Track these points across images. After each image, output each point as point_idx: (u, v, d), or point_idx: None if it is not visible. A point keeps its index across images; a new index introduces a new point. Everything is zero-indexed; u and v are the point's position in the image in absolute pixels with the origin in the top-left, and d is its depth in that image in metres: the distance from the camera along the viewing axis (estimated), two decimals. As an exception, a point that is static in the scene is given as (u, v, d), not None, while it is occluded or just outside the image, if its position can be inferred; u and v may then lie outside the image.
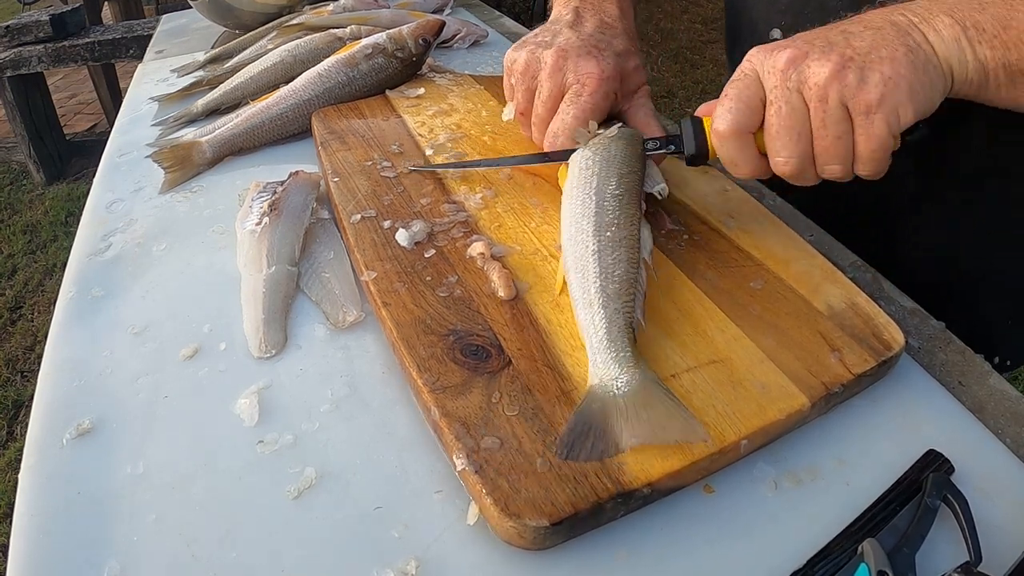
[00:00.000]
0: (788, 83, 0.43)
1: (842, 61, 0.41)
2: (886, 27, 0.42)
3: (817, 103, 0.42)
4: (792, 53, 0.43)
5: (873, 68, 0.41)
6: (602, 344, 0.40)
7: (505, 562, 0.35)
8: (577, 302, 0.43)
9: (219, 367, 0.47)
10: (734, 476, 0.39)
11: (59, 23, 2.65)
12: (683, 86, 3.41)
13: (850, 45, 0.42)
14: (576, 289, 0.44)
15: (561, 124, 0.55)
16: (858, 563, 0.33)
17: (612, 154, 0.51)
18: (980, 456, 0.39)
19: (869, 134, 0.42)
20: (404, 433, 0.42)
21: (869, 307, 0.45)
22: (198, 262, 0.58)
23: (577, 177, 0.50)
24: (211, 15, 1.15)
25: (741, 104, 0.45)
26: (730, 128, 0.45)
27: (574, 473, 0.36)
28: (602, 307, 0.42)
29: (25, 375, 1.96)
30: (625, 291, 0.43)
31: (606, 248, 0.45)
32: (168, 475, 0.40)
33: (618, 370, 0.39)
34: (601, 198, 0.48)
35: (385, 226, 0.54)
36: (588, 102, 0.54)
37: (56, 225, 2.64)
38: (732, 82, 0.46)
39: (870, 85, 0.41)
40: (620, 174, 0.49)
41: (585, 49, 0.55)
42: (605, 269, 0.44)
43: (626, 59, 0.57)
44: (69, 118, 3.51)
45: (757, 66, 0.45)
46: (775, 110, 0.44)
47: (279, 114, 0.75)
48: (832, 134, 0.43)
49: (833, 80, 0.41)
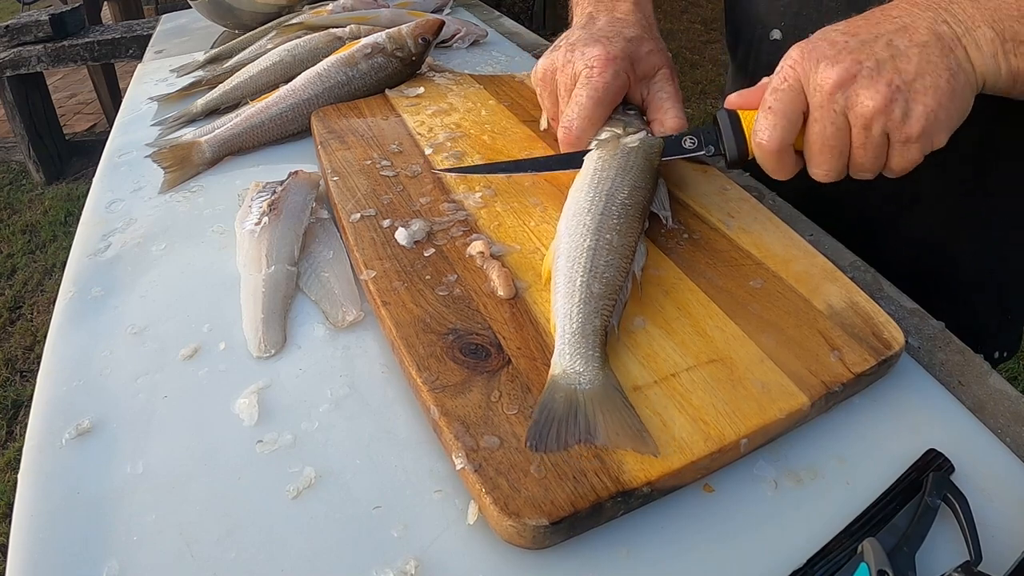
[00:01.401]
0: (835, 105, 0.43)
1: (890, 93, 0.42)
2: (931, 42, 0.42)
3: (861, 129, 0.43)
4: (840, 75, 0.43)
5: (918, 100, 0.42)
6: (574, 337, 0.41)
7: (505, 561, 0.35)
8: (559, 290, 0.44)
9: (219, 367, 0.47)
10: (734, 475, 0.39)
11: (59, 23, 2.65)
12: (683, 86, 3.38)
13: (897, 69, 0.42)
14: (561, 277, 0.44)
15: (576, 106, 0.55)
16: (858, 562, 0.33)
17: (629, 164, 0.51)
18: (980, 456, 0.39)
19: (904, 157, 0.44)
20: (404, 433, 0.42)
21: (869, 306, 0.45)
22: (198, 262, 0.58)
23: (591, 175, 0.51)
24: (211, 15, 1.15)
25: (785, 120, 0.45)
26: (775, 145, 0.46)
27: (573, 472, 0.36)
28: (582, 302, 0.42)
29: (24, 375, 1.96)
30: (608, 295, 0.43)
31: (602, 249, 0.45)
32: (168, 475, 0.40)
33: (584, 366, 0.40)
34: (610, 201, 0.48)
35: (384, 225, 0.54)
36: (599, 81, 0.54)
37: (55, 225, 2.64)
38: (775, 91, 0.46)
39: (913, 119, 0.42)
40: (633, 185, 0.50)
41: (593, 39, 0.56)
42: (596, 268, 0.44)
43: (638, 44, 0.57)
44: (69, 118, 3.51)
45: (802, 77, 0.45)
46: (819, 128, 0.44)
47: (279, 114, 0.75)
48: (871, 155, 0.44)
49: (880, 113, 0.42)
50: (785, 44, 0.66)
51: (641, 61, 0.57)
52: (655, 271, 0.48)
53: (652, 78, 0.59)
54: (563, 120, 0.56)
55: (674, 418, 0.38)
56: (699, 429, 0.38)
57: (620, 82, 0.56)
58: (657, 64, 0.58)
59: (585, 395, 0.39)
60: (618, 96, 0.56)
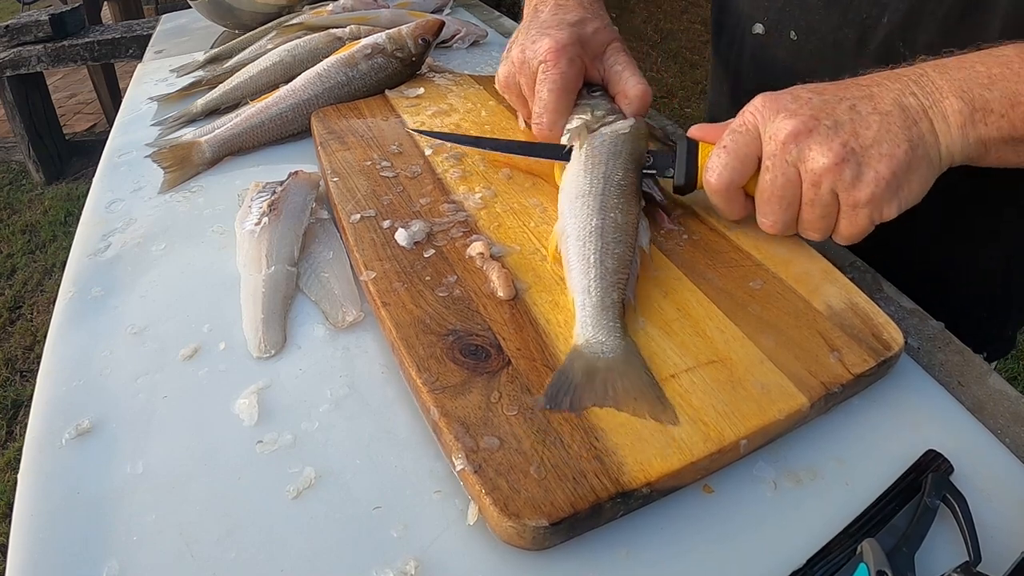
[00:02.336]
0: (787, 156, 0.44)
1: (843, 153, 0.42)
2: (894, 112, 0.42)
3: (810, 185, 0.44)
4: (796, 127, 0.43)
5: (870, 165, 0.42)
6: (595, 309, 0.43)
7: (504, 562, 0.35)
8: (573, 267, 0.46)
9: (219, 367, 0.47)
10: (734, 476, 0.39)
11: (58, 23, 2.65)
12: (683, 86, 3.41)
13: (855, 132, 0.42)
14: (574, 256, 0.46)
15: (539, 102, 0.57)
16: (857, 563, 0.33)
17: (619, 149, 0.53)
18: (980, 456, 0.39)
19: (852, 223, 0.44)
20: (403, 433, 0.42)
21: (868, 307, 0.45)
22: (198, 262, 0.58)
23: (585, 160, 0.53)
24: (211, 15, 1.15)
25: (737, 162, 0.46)
26: (723, 185, 0.47)
27: (573, 473, 0.36)
28: (599, 277, 0.44)
29: (24, 375, 1.96)
30: (621, 269, 0.45)
31: (608, 227, 0.47)
32: (168, 475, 0.40)
33: (606, 336, 0.42)
34: (608, 183, 0.50)
35: (384, 226, 0.54)
36: (554, 73, 0.56)
37: (55, 225, 2.64)
38: (733, 132, 0.46)
39: (863, 183, 0.42)
40: (627, 168, 0.52)
41: (540, 33, 0.58)
42: (606, 245, 0.46)
43: (583, 26, 0.59)
44: (69, 118, 3.51)
45: (760, 123, 0.45)
46: (770, 177, 0.45)
47: (278, 114, 0.75)
48: (818, 214, 0.45)
49: (829, 171, 0.42)
50: (768, 39, 0.66)
51: (590, 41, 0.59)
52: (655, 272, 0.48)
53: (604, 54, 0.60)
54: (533, 118, 0.58)
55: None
56: (699, 430, 0.38)
57: (576, 68, 0.57)
58: (605, 40, 0.60)
59: (608, 364, 0.40)
60: (577, 81, 0.58)
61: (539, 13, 0.62)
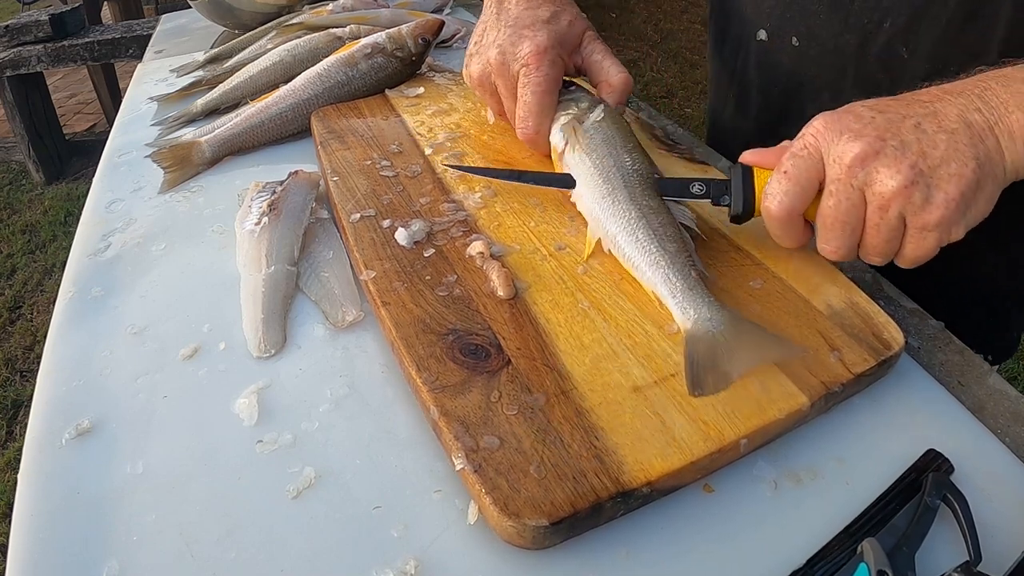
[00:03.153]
0: (853, 180, 0.41)
1: (912, 175, 0.40)
2: (961, 130, 0.40)
3: (877, 209, 0.42)
4: (863, 149, 0.41)
5: (940, 187, 0.40)
6: (687, 293, 0.44)
7: (504, 562, 0.35)
8: (639, 263, 0.46)
9: (219, 367, 0.47)
10: (734, 475, 0.39)
11: (58, 23, 2.65)
12: (683, 86, 3.41)
13: (923, 152, 0.40)
14: (634, 252, 0.47)
15: (523, 106, 0.57)
16: (858, 563, 0.33)
17: (610, 135, 0.54)
18: (980, 456, 0.39)
19: (919, 245, 0.42)
20: (403, 433, 0.42)
21: (868, 306, 0.45)
22: (198, 262, 0.58)
23: (589, 157, 0.53)
24: (211, 15, 1.15)
25: (798, 188, 0.44)
26: (784, 212, 0.45)
27: (573, 472, 0.36)
28: (671, 264, 0.45)
29: (24, 375, 1.96)
30: (683, 249, 0.46)
31: (650, 214, 0.48)
32: (167, 475, 0.40)
33: (709, 312, 0.43)
34: (624, 173, 0.51)
35: (384, 225, 0.54)
36: (537, 77, 0.57)
37: (55, 225, 2.64)
38: (793, 156, 0.44)
39: (933, 206, 0.40)
40: (628, 149, 0.53)
41: (517, 34, 0.58)
42: (657, 232, 0.47)
43: (556, 21, 0.59)
44: (68, 118, 3.51)
45: (823, 147, 0.43)
46: (834, 202, 0.43)
47: (278, 114, 0.75)
48: (884, 238, 0.43)
49: (899, 195, 0.40)
50: (771, 44, 0.66)
51: (567, 36, 0.59)
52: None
53: (580, 46, 0.61)
54: (518, 122, 0.58)
55: (674, 418, 0.38)
56: (699, 429, 0.38)
57: (558, 69, 0.58)
58: (580, 31, 0.60)
59: (725, 335, 0.42)
60: (558, 81, 0.58)
61: (506, 9, 0.60)
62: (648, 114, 0.76)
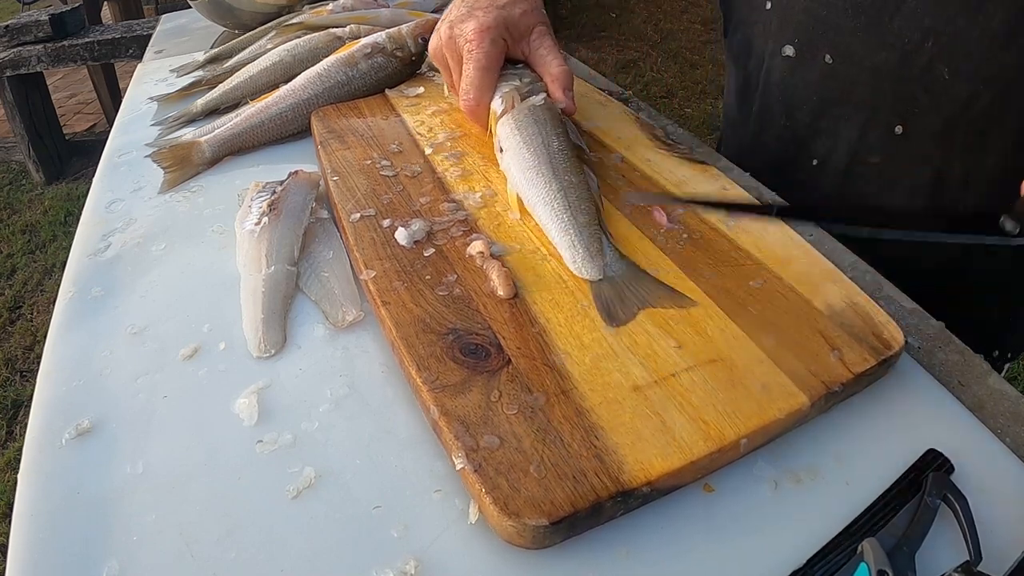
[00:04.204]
0: None
1: None
2: None
3: None
4: None
5: None
6: (587, 252, 0.49)
7: (504, 561, 0.35)
8: (551, 231, 0.51)
9: (219, 367, 0.47)
10: (734, 475, 0.39)
11: (59, 23, 2.65)
12: (683, 86, 3.41)
13: None
14: (549, 221, 0.52)
15: (466, 79, 0.62)
16: (858, 562, 0.33)
17: (542, 118, 0.58)
18: (980, 456, 0.39)
19: None
20: (404, 433, 0.42)
21: (869, 306, 0.45)
22: (198, 262, 0.58)
23: (519, 135, 0.57)
24: (211, 15, 1.14)
25: None
26: None
27: (573, 472, 0.36)
28: (580, 229, 0.50)
29: (24, 375, 1.96)
30: (594, 219, 0.52)
31: (569, 188, 0.53)
32: (167, 475, 0.40)
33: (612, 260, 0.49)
34: (550, 152, 0.56)
35: (384, 225, 0.54)
36: (478, 53, 0.61)
37: (55, 225, 2.64)
38: None
39: None
40: (556, 134, 0.57)
41: (468, 13, 0.63)
42: (572, 204, 0.52)
43: (511, 8, 0.63)
44: (68, 118, 3.51)
45: None
46: None
47: (278, 114, 0.75)
48: None
49: None
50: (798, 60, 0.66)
51: (516, 24, 0.63)
52: (655, 271, 0.48)
53: (529, 36, 0.64)
54: (461, 93, 0.63)
55: (674, 418, 0.38)
56: (699, 429, 0.38)
57: (499, 48, 0.62)
58: (532, 23, 0.64)
59: (622, 278, 0.47)
60: (499, 60, 0.62)
61: None
62: (648, 114, 0.76)
